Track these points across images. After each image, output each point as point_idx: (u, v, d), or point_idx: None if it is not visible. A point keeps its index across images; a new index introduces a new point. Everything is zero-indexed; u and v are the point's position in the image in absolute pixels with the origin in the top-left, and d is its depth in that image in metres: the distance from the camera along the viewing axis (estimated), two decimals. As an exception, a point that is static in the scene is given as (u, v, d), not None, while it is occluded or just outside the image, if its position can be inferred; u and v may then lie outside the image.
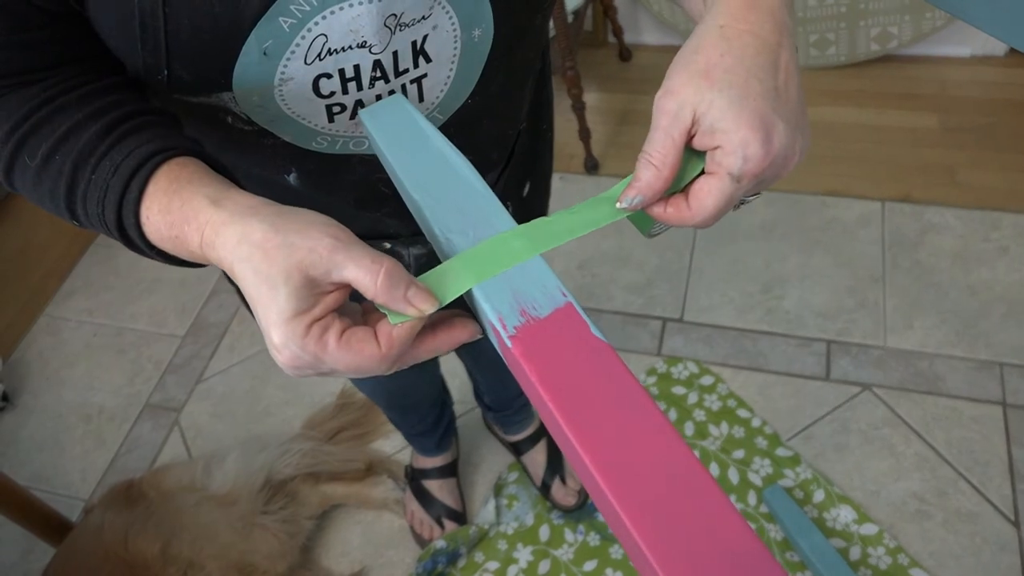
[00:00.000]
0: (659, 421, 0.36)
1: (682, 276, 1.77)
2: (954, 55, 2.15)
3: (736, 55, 0.42)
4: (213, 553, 1.31)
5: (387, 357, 0.39)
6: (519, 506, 1.47)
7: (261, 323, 0.41)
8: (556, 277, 0.42)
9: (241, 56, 0.47)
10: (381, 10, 0.48)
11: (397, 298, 0.39)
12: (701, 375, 1.59)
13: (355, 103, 0.54)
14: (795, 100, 0.43)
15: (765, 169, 0.41)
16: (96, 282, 2.01)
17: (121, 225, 0.45)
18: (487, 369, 1.30)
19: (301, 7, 0.46)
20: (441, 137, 0.50)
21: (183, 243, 0.44)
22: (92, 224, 0.47)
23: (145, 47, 0.46)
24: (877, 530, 1.35)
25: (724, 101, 0.41)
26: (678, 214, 0.45)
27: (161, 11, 0.44)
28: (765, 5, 0.43)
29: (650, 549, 0.33)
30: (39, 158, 0.46)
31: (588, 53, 2.38)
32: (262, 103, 0.52)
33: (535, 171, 0.86)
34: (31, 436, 1.73)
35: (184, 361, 1.81)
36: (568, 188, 2.01)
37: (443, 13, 0.52)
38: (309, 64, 0.49)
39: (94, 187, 0.45)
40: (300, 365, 0.40)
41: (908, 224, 1.80)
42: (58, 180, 0.46)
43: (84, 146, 0.45)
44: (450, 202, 0.46)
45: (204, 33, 0.45)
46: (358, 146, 0.60)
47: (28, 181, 0.48)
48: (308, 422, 1.63)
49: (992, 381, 1.51)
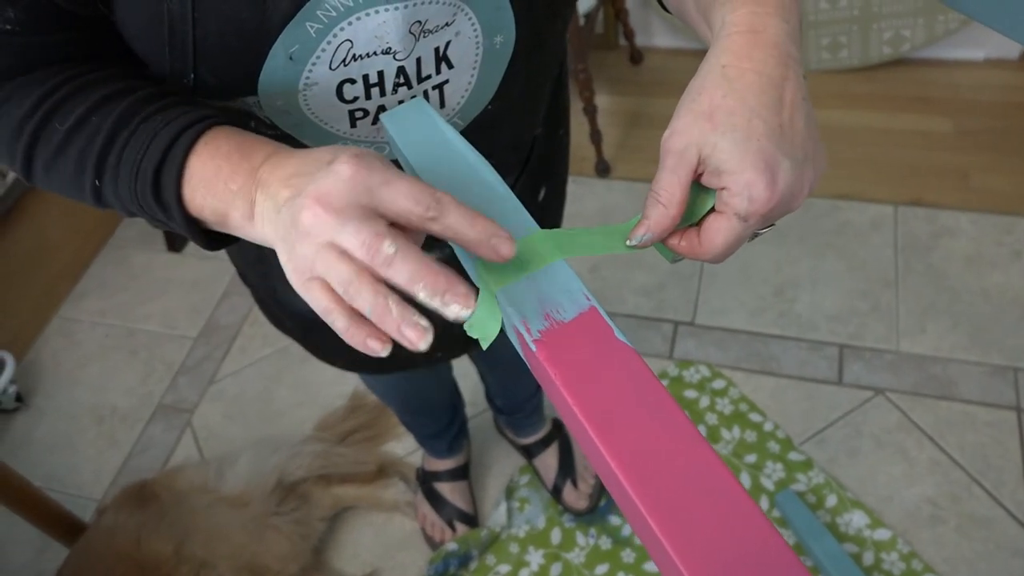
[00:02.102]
0: (684, 424, 0.36)
1: (694, 279, 1.77)
2: (967, 58, 2.14)
3: (739, 96, 0.42)
4: (225, 554, 1.32)
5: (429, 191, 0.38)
6: (530, 509, 1.46)
7: (323, 156, 0.39)
8: (580, 281, 0.42)
9: (268, 60, 0.47)
10: (406, 17, 0.49)
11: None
12: (713, 379, 1.59)
13: (377, 108, 0.55)
14: (801, 133, 0.42)
15: (772, 209, 0.42)
16: (109, 284, 2.03)
17: (160, 168, 0.44)
18: (499, 371, 1.30)
19: (328, 13, 0.46)
20: (462, 140, 0.50)
21: (243, 156, 0.42)
22: (116, 185, 0.46)
23: (173, 51, 0.46)
24: (890, 535, 1.35)
25: (727, 144, 0.41)
26: (690, 248, 0.45)
27: (191, 16, 0.44)
28: (769, 40, 0.43)
29: (675, 549, 0.33)
30: (72, 120, 0.46)
31: (600, 56, 2.39)
32: (286, 107, 0.52)
33: (552, 176, 0.86)
34: (44, 437, 1.74)
35: (196, 363, 1.82)
36: (579, 191, 2.01)
37: (466, 20, 0.52)
38: (334, 69, 0.50)
39: (139, 136, 0.44)
40: (361, 171, 0.37)
41: (921, 228, 1.79)
42: (93, 139, 0.45)
43: (128, 107, 0.45)
44: (471, 204, 0.46)
45: (232, 37, 0.45)
46: (380, 150, 0.60)
47: (50, 151, 0.47)
48: (320, 424, 1.63)
49: (1006, 386, 1.51)
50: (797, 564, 0.32)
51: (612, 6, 2.23)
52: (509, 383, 1.32)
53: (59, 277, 2.01)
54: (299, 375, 1.74)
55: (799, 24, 0.45)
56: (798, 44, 0.44)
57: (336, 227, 0.36)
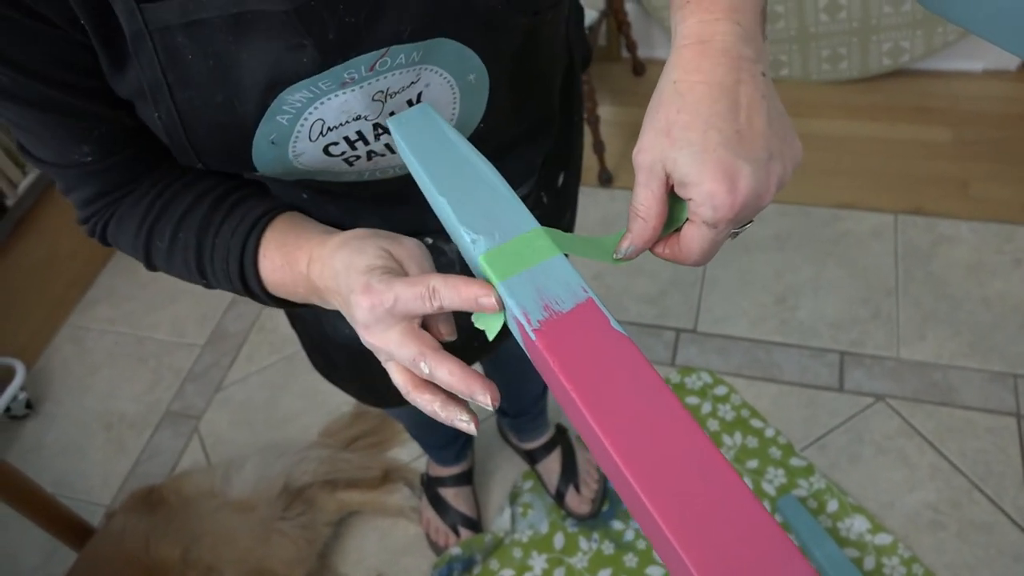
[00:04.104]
0: (677, 408, 0.38)
1: (695, 287, 1.78)
2: (966, 69, 2.16)
3: (692, 110, 0.43)
4: (232, 558, 1.33)
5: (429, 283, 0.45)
6: (534, 514, 1.48)
7: (347, 289, 0.47)
8: (578, 274, 0.44)
9: (254, 147, 0.53)
10: (367, 92, 0.52)
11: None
12: (715, 385, 1.60)
13: (367, 152, 0.58)
14: (762, 133, 0.43)
15: (738, 212, 0.43)
16: (118, 292, 2.05)
17: (243, 273, 0.55)
18: (504, 375, 1.32)
19: (292, 106, 0.51)
20: (466, 143, 0.52)
21: (293, 266, 0.53)
22: (219, 281, 0.57)
23: (175, 149, 0.53)
24: (891, 540, 1.35)
25: (686, 158, 0.42)
26: (673, 255, 0.48)
27: (180, 127, 0.51)
28: (717, 48, 0.44)
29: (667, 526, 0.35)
30: (167, 239, 0.57)
31: (602, 67, 2.41)
32: (287, 171, 0.57)
33: (570, 161, 0.88)
34: (54, 443, 1.76)
35: (204, 370, 1.84)
36: (582, 201, 2.01)
37: (431, 73, 0.54)
38: (314, 141, 0.54)
39: (219, 250, 0.56)
40: (375, 301, 0.44)
41: (921, 236, 1.81)
42: (187, 252, 0.57)
43: (201, 221, 0.56)
44: (476, 205, 0.48)
45: (218, 136, 0.52)
46: (384, 173, 0.63)
47: (163, 259, 0.59)
48: (325, 430, 1.65)
49: (1006, 392, 1.52)
50: (784, 540, 0.34)
51: (615, 19, 2.26)
52: (513, 386, 1.34)
53: (69, 286, 2.03)
54: (305, 382, 1.76)
55: (756, 21, 0.45)
56: (754, 43, 0.45)
57: (386, 353, 0.46)
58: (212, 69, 0.48)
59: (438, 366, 0.44)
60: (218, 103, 0.50)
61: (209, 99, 0.50)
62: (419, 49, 0.51)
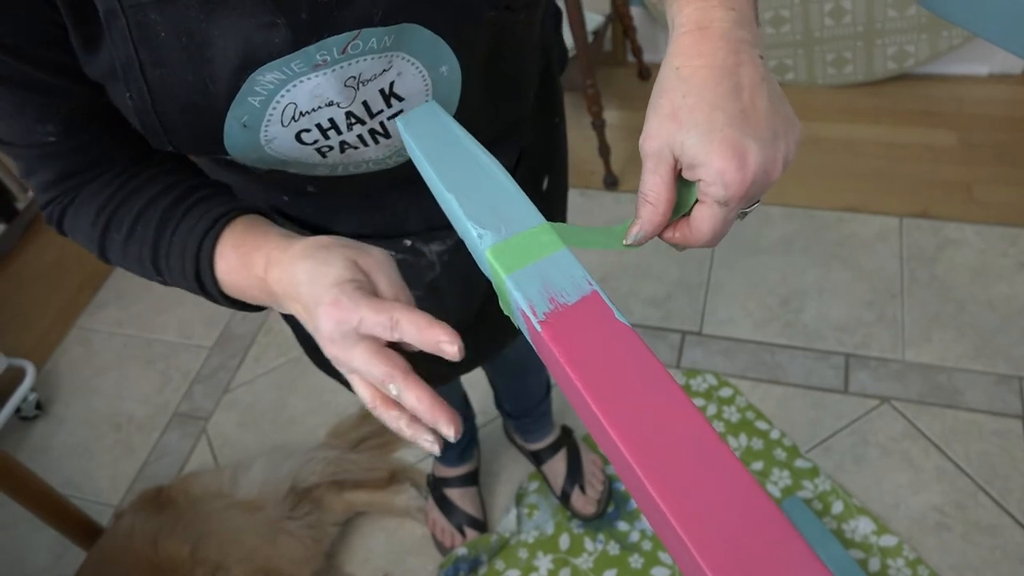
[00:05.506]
0: (680, 398, 0.39)
1: (701, 289, 1.79)
2: (971, 73, 2.17)
3: (696, 93, 0.44)
4: (240, 557, 1.34)
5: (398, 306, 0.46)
6: (539, 515, 1.48)
7: (312, 301, 0.47)
8: (583, 268, 0.45)
9: (225, 129, 0.53)
10: (339, 76, 0.53)
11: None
12: (720, 387, 1.61)
13: (340, 143, 0.58)
14: (765, 112, 0.44)
15: (748, 189, 0.44)
16: (127, 294, 2.07)
17: (198, 272, 0.55)
18: (509, 376, 1.33)
19: (264, 87, 0.51)
20: (472, 140, 0.53)
21: (249, 268, 0.53)
22: (174, 279, 0.57)
23: (147, 130, 0.53)
24: (896, 542, 1.36)
25: (694, 139, 0.44)
26: (684, 238, 0.49)
27: (151, 107, 0.51)
28: (715, 32, 0.45)
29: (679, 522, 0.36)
30: (124, 231, 0.57)
31: (608, 72, 2.43)
32: (259, 157, 0.57)
33: (553, 164, 0.88)
34: (63, 444, 1.78)
35: (211, 372, 1.85)
36: (588, 204, 2.04)
37: (403, 62, 0.55)
38: (286, 126, 0.54)
39: (175, 247, 0.55)
40: (339, 317, 0.45)
41: (926, 239, 1.81)
42: (143, 247, 0.56)
43: (162, 215, 0.56)
44: (482, 201, 0.49)
45: (189, 117, 0.52)
46: (357, 168, 0.63)
47: (118, 251, 0.58)
48: (332, 431, 1.66)
49: (1012, 395, 1.52)
50: (782, 519, 0.35)
51: (620, 23, 2.27)
52: (518, 387, 1.35)
53: (79, 288, 2.05)
54: (312, 384, 1.77)
55: (749, 5, 0.47)
56: (750, 27, 0.46)
57: (348, 367, 0.47)
58: (184, 47, 0.48)
59: (407, 391, 0.45)
60: (190, 82, 0.50)
61: (181, 78, 0.50)
62: (390, 34, 0.52)
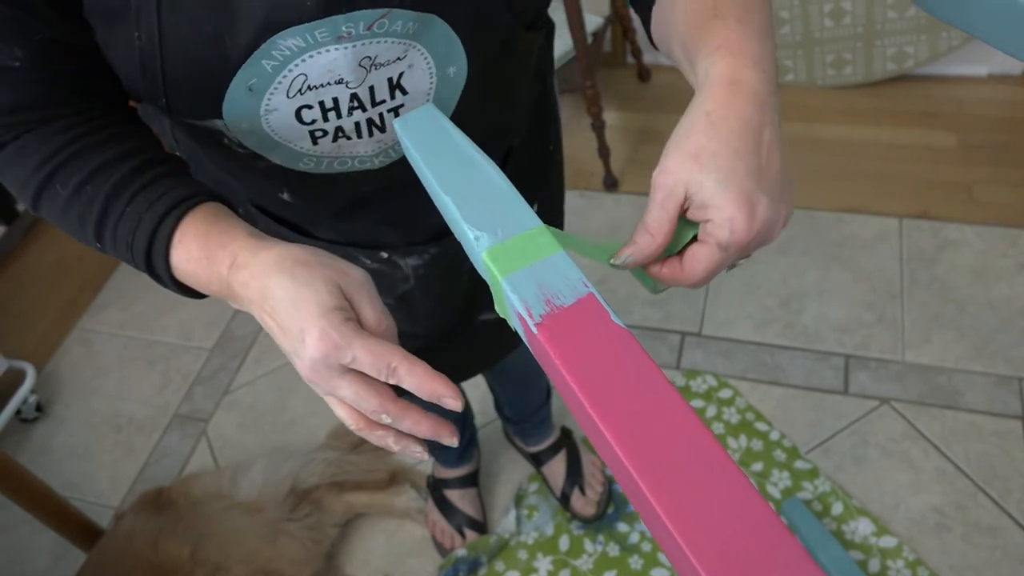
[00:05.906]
0: (676, 401, 0.39)
1: (700, 291, 1.79)
2: (971, 74, 2.17)
3: (722, 140, 0.46)
4: (240, 558, 1.34)
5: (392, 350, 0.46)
6: (539, 516, 1.48)
7: (295, 325, 0.46)
8: (579, 270, 0.45)
9: (229, 91, 0.52)
10: (356, 54, 0.52)
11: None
12: (720, 388, 1.61)
13: (336, 129, 0.58)
14: (776, 173, 0.47)
15: (751, 239, 0.46)
16: (128, 296, 2.07)
17: (149, 252, 0.52)
18: (508, 382, 1.33)
19: (282, 52, 0.50)
20: (470, 143, 0.53)
21: (212, 263, 0.50)
22: (116, 250, 0.53)
23: (145, 80, 0.51)
24: (896, 543, 1.36)
25: (712, 182, 0.45)
26: (672, 274, 0.50)
27: (158, 54, 0.49)
28: (748, 89, 0.47)
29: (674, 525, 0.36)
30: (71, 188, 0.52)
31: (608, 73, 2.43)
32: (251, 129, 0.56)
33: (544, 190, 0.88)
34: (63, 445, 1.78)
35: (212, 373, 1.85)
36: (588, 205, 2.04)
37: (418, 54, 0.55)
38: (291, 98, 0.54)
39: (127, 219, 0.51)
40: (328, 351, 0.45)
41: (926, 240, 1.81)
42: (89, 208, 0.52)
43: (118, 181, 0.52)
44: (479, 203, 0.49)
45: (195, 72, 0.50)
46: (342, 165, 0.63)
47: (57, 207, 0.54)
48: (332, 433, 1.66)
49: (1011, 396, 1.52)
50: (778, 523, 0.35)
51: (620, 25, 2.27)
52: (517, 393, 1.35)
53: (79, 289, 2.05)
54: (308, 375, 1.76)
55: (775, 72, 0.49)
56: (776, 92, 0.49)
57: (329, 393, 0.47)
58: None
59: (402, 417, 0.47)
60: (207, 33, 0.48)
61: (198, 28, 0.48)
62: (415, 20, 0.52)
